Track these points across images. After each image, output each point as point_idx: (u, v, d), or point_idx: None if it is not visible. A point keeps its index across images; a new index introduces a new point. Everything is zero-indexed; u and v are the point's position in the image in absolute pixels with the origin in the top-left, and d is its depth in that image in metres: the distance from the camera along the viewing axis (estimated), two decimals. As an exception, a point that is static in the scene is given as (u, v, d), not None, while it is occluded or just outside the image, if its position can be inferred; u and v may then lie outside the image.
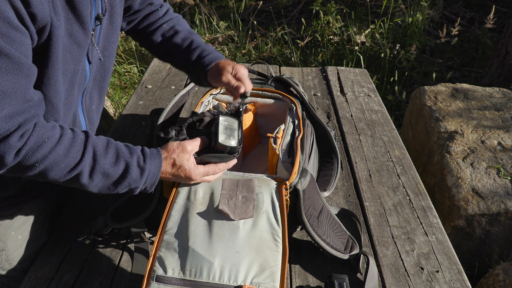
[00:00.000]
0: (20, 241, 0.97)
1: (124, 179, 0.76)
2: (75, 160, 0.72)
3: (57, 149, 0.70)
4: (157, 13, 1.08)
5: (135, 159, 0.77)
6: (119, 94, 3.29)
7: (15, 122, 0.65)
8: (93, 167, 0.73)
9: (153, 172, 0.78)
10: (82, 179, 0.73)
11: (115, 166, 0.75)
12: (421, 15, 3.80)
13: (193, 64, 1.03)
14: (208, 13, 4.20)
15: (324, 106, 1.67)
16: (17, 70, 0.64)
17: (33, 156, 0.68)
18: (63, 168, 0.71)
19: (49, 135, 0.70)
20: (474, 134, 1.95)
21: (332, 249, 0.94)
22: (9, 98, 0.64)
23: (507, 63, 3.17)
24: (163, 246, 0.77)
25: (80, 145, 0.73)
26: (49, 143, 0.69)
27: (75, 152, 0.72)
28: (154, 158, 0.79)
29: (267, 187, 0.85)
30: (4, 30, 0.61)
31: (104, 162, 0.74)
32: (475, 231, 1.67)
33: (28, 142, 0.67)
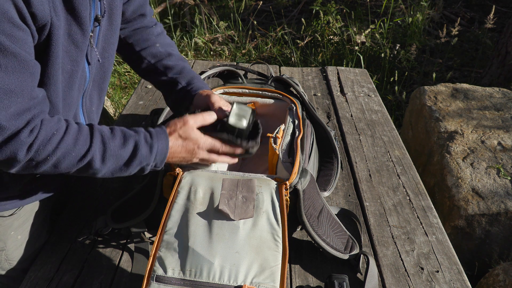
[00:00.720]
0: (20, 241, 0.97)
1: (135, 157, 0.77)
2: (85, 147, 0.73)
3: (66, 139, 0.72)
4: (151, 30, 1.07)
5: (142, 137, 0.79)
6: (119, 94, 3.29)
7: (23, 119, 0.67)
8: (104, 151, 0.75)
9: (161, 147, 0.80)
10: (95, 165, 0.75)
11: (124, 146, 0.77)
12: (421, 15, 3.80)
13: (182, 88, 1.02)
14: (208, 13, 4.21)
15: (324, 106, 1.67)
16: (22, 69, 0.65)
17: (45, 150, 0.69)
18: (75, 157, 0.72)
19: (57, 127, 0.71)
20: (474, 134, 1.95)
21: (332, 249, 0.94)
22: (16, 96, 0.65)
23: (507, 63, 3.17)
24: (163, 246, 0.77)
25: (87, 132, 0.75)
26: (57, 135, 0.71)
27: (83, 140, 0.74)
28: (160, 134, 0.81)
29: (267, 187, 0.85)
30: (8, 29, 0.61)
31: (114, 144, 0.76)
32: (475, 231, 1.67)
33: (38, 136, 0.68)
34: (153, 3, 4.15)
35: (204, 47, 3.86)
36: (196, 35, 3.92)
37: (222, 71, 1.27)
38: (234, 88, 1.21)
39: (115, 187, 1.17)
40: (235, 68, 1.26)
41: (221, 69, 1.26)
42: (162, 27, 1.12)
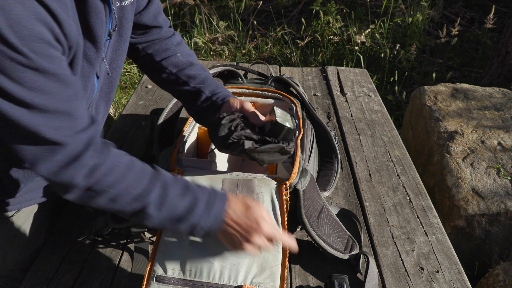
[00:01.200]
0: (19, 241, 0.97)
1: (190, 213, 0.71)
2: (146, 187, 0.70)
3: (129, 174, 0.69)
4: (170, 40, 1.05)
5: (204, 193, 0.74)
6: (119, 94, 3.29)
7: (80, 138, 0.65)
8: (163, 197, 0.70)
9: (219, 208, 0.73)
10: (149, 209, 0.69)
11: (183, 197, 0.72)
12: (421, 15, 3.80)
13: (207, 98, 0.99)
14: (208, 13, 4.21)
15: (324, 106, 1.67)
16: (65, 87, 0.63)
17: (105, 180, 0.66)
18: (134, 195, 0.69)
19: (121, 160, 0.69)
20: (474, 134, 1.95)
21: (332, 249, 0.94)
22: (65, 116, 0.63)
23: (507, 63, 3.17)
24: (163, 246, 0.77)
25: (150, 173, 0.72)
26: (121, 167, 0.68)
27: (146, 180, 0.70)
28: (222, 195, 0.76)
29: (267, 187, 0.85)
30: (45, 51, 0.60)
31: (173, 192, 0.71)
32: (475, 231, 1.67)
33: (102, 164, 0.66)
34: (153, 3, 4.15)
35: (204, 47, 3.86)
36: (196, 35, 3.92)
37: (222, 71, 1.27)
38: (234, 88, 1.21)
39: (115, 187, 1.17)
40: (235, 68, 1.26)
41: (221, 69, 1.26)
42: (180, 36, 1.09)
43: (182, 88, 1.01)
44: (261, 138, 0.83)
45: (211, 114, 0.97)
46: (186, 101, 1.03)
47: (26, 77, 0.58)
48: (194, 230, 0.73)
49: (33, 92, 0.59)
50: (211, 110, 0.98)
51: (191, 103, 1.02)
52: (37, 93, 0.59)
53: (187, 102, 1.03)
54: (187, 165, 0.92)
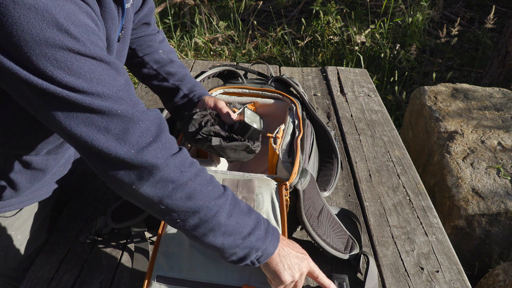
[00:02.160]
0: (20, 240, 0.98)
1: (254, 232, 0.70)
2: (220, 189, 0.69)
3: (203, 173, 0.68)
4: (154, 37, 1.09)
5: (263, 220, 0.73)
6: (119, 94, 3.29)
7: (156, 121, 0.65)
8: (233, 206, 0.69)
9: (275, 237, 0.72)
10: (221, 215, 0.67)
11: (248, 215, 0.71)
12: (421, 15, 3.80)
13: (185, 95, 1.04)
14: (208, 13, 4.21)
15: (324, 106, 1.67)
16: (118, 75, 0.63)
17: (188, 171, 0.65)
18: (211, 192, 0.67)
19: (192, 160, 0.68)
20: (474, 134, 1.96)
21: (332, 249, 0.94)
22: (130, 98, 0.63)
23: (507, 63, 3.17)
24: (163, 246, 0.77)
25: (218, 182, 0.71)
26: (196, 163, 0.68)
27: (215, 184, 0.69)
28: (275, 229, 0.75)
29: (267, 187, 0.85)
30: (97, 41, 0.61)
31: (240, 206, 0.71)
32: (475, 231, 1.67)
33: (180, 153, 0.66)
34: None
35: (204, 47, 3.86)
36: (196, 35, 3.92)
37: (222, 71, 1.27)
38: (234, 88, 1.21)
39: (115, 187, 1.17)
40: (235, 68, 1.26)
41: (221, 69, 1.26)
42: (164, 34, 1.14)
43: (161, 84, 1.05)
44: (228, 136, 0.88)
45: (187, 110, 1.01)
46: (164, 96, 1.07)
47: (84, 67, 0.58)
48: (248, 256, 0.70)
49: (93, 83, 0.59)
50: (188, 106, 1.02)
51: (169, 99, 1.06)
52: (97, 83, 0.59)
53: (165, 97, 1.07)
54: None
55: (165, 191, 0.64)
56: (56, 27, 0.55)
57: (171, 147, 0.66)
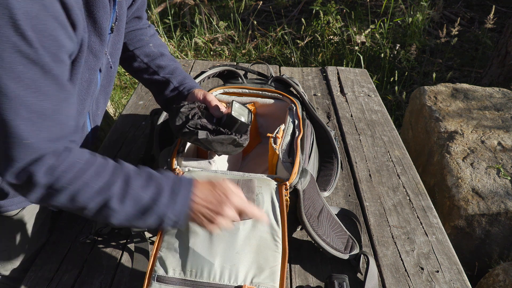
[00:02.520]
0: (22, 240, 0.98)
1: (154, 204, 0.69)
2: (106, 181, 0.68)
3: (88, 169, 0.67)
4: (145, 31, 1.09)
5: (168, 181, 0.72)
6: (119, 94, 3.29)
7: (54, 146, 0.64)
8: (125, 190, 0.68)
9: (184, 194, 0.71)
10: (112, 203, 0.67)
11: (146, 188, 0.70)
12: (421, 15, 3.80)
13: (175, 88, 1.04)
14: (208, 13, 4.20)
15: (324, 106, 1.67)
16: (60, 93, 0.63)
17: (65, 177, 0.65)
18: (93, 190, 0.67)
19: (81, 157, 0.68)
20: (474, 134, 1.95)
21: (332, 249, 0.94)
22: (49, 121, 0.63)
23: (507, 63, 3.17)
24: (163, 246, 0.77)
25: (112, 167, 0.70)
26: (80, 163, 0.67)
27: (106, 173, 0.69)
28: (187, 181, 0.74)
29: (267, 187, 0.85)
30: (54, 49, 0.60)
31: (136, 184, 0.69)
32: (475, 231, 1.67)
33: (63, 162, 0.65)
34: (153, 3, 4.15)
35: (204, 47, 3.86)
36: (196, 35, 3.92)
37: (222, 71, 1.27)
38: (234, 88, 1.21)
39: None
40: (235, 68, 1.26)
41: (221, 69, 1.26)
42: (154, 29, 1.14)
43: (152, 78, 1.06)
44: (215, 129, 0.88)
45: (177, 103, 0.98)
46: (155, 90, 1.08)
47: (27, 73, 0.58)
48: (163, 222, 0.71)
49: (29, 90, 0.59)
50: (178, 99, 1.02)
51: (160, 92, 1.06)
52: (32, 92, 0.59)
53: (156, 91, 1.07)
54: (187, 165, 0.92)
55: (48, 198, 0.66)
56: (13, 27, 0.54)
57: (46, 163, 0.65)
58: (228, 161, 1.13)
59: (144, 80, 1.08)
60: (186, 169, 0.89)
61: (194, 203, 0.71)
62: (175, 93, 1.04)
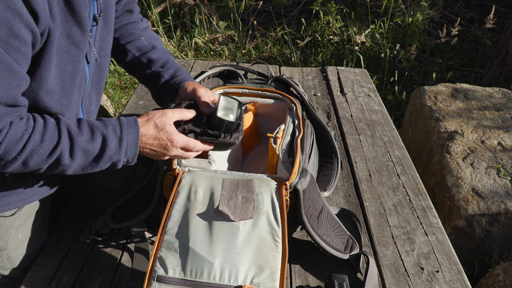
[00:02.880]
0: (21, 240, 0.98)
1: (104, 152, 0.76)
2: (53, 143, 0.72)
3: (33, 136, 0.70)
4: (137, 25, 1.07)
5: (110, 129, 0.77)
6: (119, 94, 3.29)
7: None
8: (72, 146, 0.73)
9: (131, 141, 0.78)
10: (64, 160, 0.73)
11: (92, 141, 0.75)
12: (421, 15, 3.80)
13: (166, 82, 1.02)
14: (208, 13, 4.20)
15: (324, 106, 1.67)
16: (10, 80, 0.65)
17: (13, 150, 0.69)
18: (43, 154, 0.71)
19: (26, 127, 0.71)
20: (474, 134, 1.95)
21: (332, 249, 0.94)
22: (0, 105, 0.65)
23: (507, 63, 3.17)
24: (163, 246, 0.77)
25: (53, 128, 0.73)
26: (26, 134, 0.70)
27: (50, 136, 0.72)
28: (131, 126, 0.79)
29: (267, 187, 0.85)
30: (3, 36, 0.61)
31: (81, 139, 0.74)
32: (475, 231, 1.67)
33: (7, 136, 0.68)
34: (153, 3, 4.15)
35: (204, 47, 3.86)
36: (196, 35, 3.92)
37: (222, 71, 1.27)
38: (234, 88, 1.21)
39: (115, 187, 1.17)
40: (235, 68, 1.26)
41: (221, 69, 1.26)
42: (148, 22, 1.13)
43: (144, 72, 1.05)
44: (202, 131, 0.87)
45: (170, 97, 1.00)
46: (148, 85, 1.06)
47: None
48: (116, 165, 0.79)
49: None
50: (170, 93, 1.01)
51: (153, 87, 1.05)
52: None
53: (149, 86, 1.06)
54: (187, 165, 0.92)
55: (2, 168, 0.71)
56: None
57: None
58: (228, 161, 1.13)
59: (138, 75, 1.07)
60: (186, 169, 0.89)
61: (142, 146, 0.80)
62: (167, 87, 1.02)
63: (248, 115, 1.22)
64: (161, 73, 1.03)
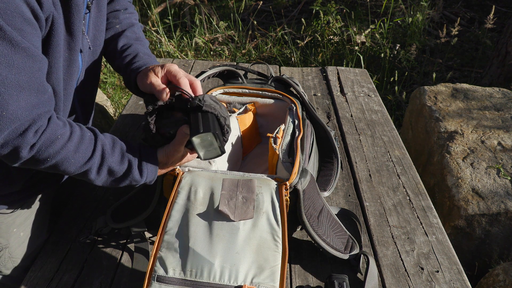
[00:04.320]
0: (22, 238, 0.98)
1: (127, 177, 0.81)
2: (86, 157, 0.76)
3: (68, 146, 0.73)
4: (117, 14, 1.01)
5: (137, 160, 0.81)
6: (119, 94, 3.29)
7: (31, 115, 0.67)
8: (101, 164, 0.78)
9: (151, 170, 0.83)
10: (90, 175, 0.78)
11: (120, 164, 0.79)
12: (421, 15, 3.80)
13: (125, 68, 0.94)
14: (208, 13, 4.20)
15: (324, 106, 1.67)
16: (32, 63, 0.66)
17: (46, 152, 0.71)
18: (73, 164, 0.75)
19: (61, 132, 0.72)
20: (474, 134, 1.95)
21: (332, 249, 0.94)
22: (25, 92, 0.66)
23: (507, 63, 3.17)
24: (163, 246, 0.77)
25: (89, 142, 0.77)
26: (61, 139, 0.72)
27: (84, 149, 0.75)
28: (152, 157, 0.83)
29: (267, 187, 0.85)
30: (19, 24, 0.62)
31: (112, 160, 0.78)
32: (475, 231, 1.67)
33: (42, 137, 0.70)
34: (153, 3, 4.15)
35: (204, 47, 3.86)
36: (196, 35, 3.92)
37: (222, 71, 1.27)
38: (234, 88, 1.21)
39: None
40: (235, 68, 1.26)
41: (221, 69, 1.26)
42: (133, 9, 1.06)
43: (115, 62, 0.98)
44: None
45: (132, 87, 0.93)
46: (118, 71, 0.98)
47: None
48: (132, 187, 0.86)
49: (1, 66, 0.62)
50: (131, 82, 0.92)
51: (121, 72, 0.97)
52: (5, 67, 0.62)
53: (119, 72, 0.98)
54: (187, 165, 0.92)
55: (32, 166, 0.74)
56: None
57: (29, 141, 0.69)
58: (228, 161, 1.13)
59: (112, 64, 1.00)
60: (186, 169, 0.89)
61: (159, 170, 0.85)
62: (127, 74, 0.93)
63: (248, 115, 1.22)
64: (124, 59, 0.94)
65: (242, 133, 1.20)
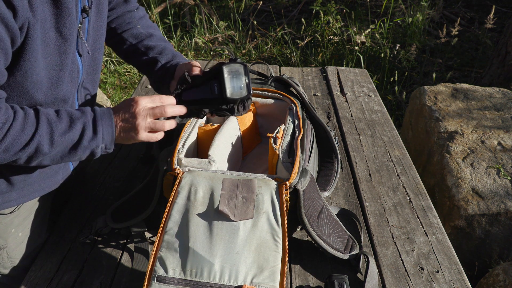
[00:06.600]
0: (21, 238, 0.98)
1: (82, 139, 0.77)
2: (32, 131, 0.73)
3: (14, 125, 0.72)
4: (133, 14, 1.08)
5: (89, 117, 0.79)
6: (119, 94, 3.29)
7: None
8: (51, 134, 0.75)
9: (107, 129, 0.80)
10: (43, 149, 0.74)
11: (71, 128, 0.76)
12: (421, 15, 3.80)
13: (162, 66, 1.02)
14: (208, 13, 4.21)
15: (324, 106, 1.67)
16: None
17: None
18: (23, 142, 0.72)
19: (6, 117, 0.71)
20: (474, 134, 1.96)
21: (332, 249, 0.94)
22: None
23: (507, 63, 3.17)
24: (163, 246, 0.77)
25: (33, 117, 0.75)
26: (7, 123, 0.71)
27: (30, 124, 0.73)
28: (105, 112, 0.81)
29: (267, 187, 0.85)
30: None
31: (60, 127, 0.76)
32: (475, 231, 1.67)
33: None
34: (153, 3, 4.16)
35: (204, 47, 3.86)
36: (196, 35, 3.92)
37: (222, 71, 1.26)
38: (234, 88, 1.21)
39: (115, 187, 1.17)
40: (235, 68, 1.26)
41: (221, 69, 1.25)
42: (144, 10, 1.13)
43: (141, 59, 1.05)
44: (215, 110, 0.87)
45: (167, 80, 1.00)
46: (146, 71, 1.06)
47: None
48: (94, 155, 0.81)
49: None
50: (166, 77, 1.00)
51: (150, 73, 1.05)
52: None
53: (147, 72, 1.06)
54: (187, 165, 0.92)
55: None
56: None
57: None
58: (228, 161, 1.13)
59: (135, 63, 1.07)
60: (186, 169, 0.89)
61: (118, 132, 0.81)
62: (163, 71, 1.02)
63: (248, 115, 1.22)
64: (158, 59, 1.03)
65: (242, 133, 1.20)
